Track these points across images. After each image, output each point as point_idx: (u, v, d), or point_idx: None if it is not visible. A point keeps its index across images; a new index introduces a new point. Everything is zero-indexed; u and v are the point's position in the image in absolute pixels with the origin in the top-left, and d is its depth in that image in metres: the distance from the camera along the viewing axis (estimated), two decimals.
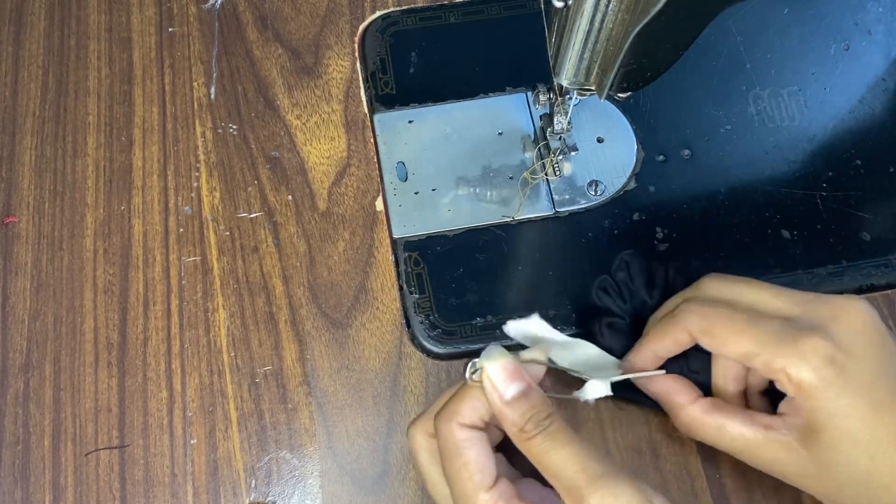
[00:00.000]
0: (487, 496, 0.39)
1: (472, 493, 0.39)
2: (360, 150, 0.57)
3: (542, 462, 0.39)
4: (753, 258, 0.53)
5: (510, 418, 0.40)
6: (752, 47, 0.60)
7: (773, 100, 0.58)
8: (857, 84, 0.59)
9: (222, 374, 0.51)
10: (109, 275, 0.53)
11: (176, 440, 0.49)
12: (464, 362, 0.45)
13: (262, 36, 0.60)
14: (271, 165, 0.56)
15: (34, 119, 0.57)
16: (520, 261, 0.53)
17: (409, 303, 0.52)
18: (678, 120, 0.57)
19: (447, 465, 0.40)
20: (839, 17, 0.61)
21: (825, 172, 0.56)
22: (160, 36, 0.60)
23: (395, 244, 0.54)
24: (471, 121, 0.57)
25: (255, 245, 0.54)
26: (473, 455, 0.40)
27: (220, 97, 0.58)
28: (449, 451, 0.40)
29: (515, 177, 0.55)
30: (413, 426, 0.44)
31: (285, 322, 0.52)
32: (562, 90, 0.50)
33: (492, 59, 0.59)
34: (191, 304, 0.52)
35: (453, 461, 0.40)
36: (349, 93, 0.58)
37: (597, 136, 0.56)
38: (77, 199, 0.55)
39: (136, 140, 0.57)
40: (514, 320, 0.45)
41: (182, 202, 0.55)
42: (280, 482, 0.49)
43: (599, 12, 0.41)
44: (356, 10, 0.61)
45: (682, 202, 0.55)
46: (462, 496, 0.40)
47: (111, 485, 0.49)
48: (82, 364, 0.51)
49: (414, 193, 0.55)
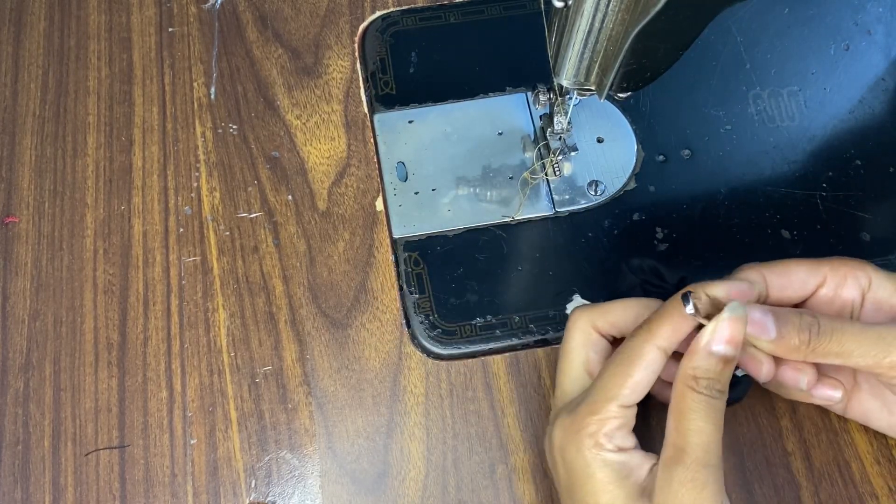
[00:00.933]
0: (617, 409, 0.41)
1: (611, 397, 0.41)
2: (360, 150, 0.57)
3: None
4: (753, 258, 0.53)
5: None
6: (752, 47, 0.60)
7: (773, 100, 0.58)
8: (857, 84, 0.59)
9: (222, 374, 0.51)
10: (109, 275, 0.53)
11: (176, 440, 0.49)
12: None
13: (262, 36, 0.60)
14: (271, 165, 0.56)
15: (34, 119, 0.57)
16: (520, 261, 0.53)
17: (409, 303, 0.52)
18: (678, 120, 0.57)
19: (614, 367, 0.42)
20: (839, 17, 0.61)
21: (825, 172, 0.56)
22: (160, 36, 0.60)
23: (395, 244, 0.54)
24: (471, 121, 0.57)
25: (255, 245, 0.54)
26: (642, 375, 0.41)
27: (220, 97, 0.58)
28: (626, 358, 0.42)
29: (515, 177, 0.55)
30: (581, 312, 0.46)
31: (285, 322, 0.52)
32: (562, 90, 0.50)
33: (492, 59, 0.59)
34: (191, 304, 0.52)
35: (623, 368, 0.42)
36: (349, 93, 0.58)
37: (597, 136, 0.56)
38: (77, 199, 0.55)
39: (136, 140, 0.57)
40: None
41: (182, 202, 0.55)
42: (280, 482, 0.49)
43: (599, 12, 0.41)
44: (356, 10, 0.61)
45: (682, 202, 0.55)
46: (603, 392, 0.42)
47: (111, 485, 0.49)
48: (82, 364, 0.51)
49: (414, 193, 0.55)
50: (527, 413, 0.50)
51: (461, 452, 0.49)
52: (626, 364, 0.42)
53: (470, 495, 0.48)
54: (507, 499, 0.48)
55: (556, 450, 0.43)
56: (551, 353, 0.51)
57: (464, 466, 0.49)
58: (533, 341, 0.51)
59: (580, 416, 0.42)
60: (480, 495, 0.48)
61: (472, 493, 0.48)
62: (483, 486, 0.48)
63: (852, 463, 0.49)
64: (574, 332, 0.46)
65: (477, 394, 0.51)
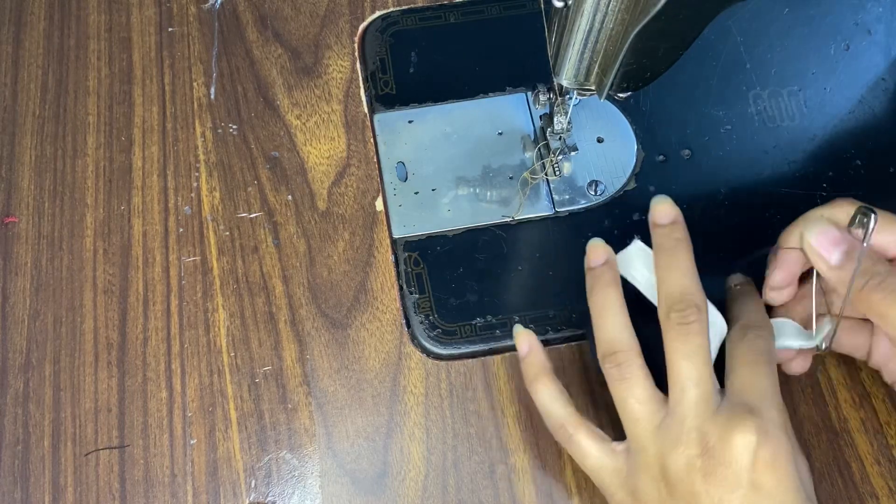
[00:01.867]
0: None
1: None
2: (360, 150, 0.57)
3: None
4: (753, 258, 0.53)
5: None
6: (752, 47, 0.60)
7: (773, 100, 0.58)
8: (857, 84, 0.59)
9: (222, 374, 0.51)
10: (109, 275, 0.53)
11: (176, 440, 0.49)
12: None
13: (261, 36, 0.60)
14: (271, 165, 0.56)
15: (34, 119, 0.57)
16: (520, 261, 0.53)
17: (409, 303, 0.52)
18: (678, 120, 0.57)
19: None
20: (839, 17, 0.61)
21: (825, 172, 0.56)
22: (160, 36, 0.60)
23: (395, 244, 0.54)
24: (471, 121, 0.57)
25: (255, 245, 0.54)
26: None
27: (219, 97, 0.58)
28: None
29: (515, 177, 0.55)
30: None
31: (285, 322, 0.52)
32: (562, 90, 0.50)
33: (492, 59, 0.59)
34: (191, 304, 0.52)
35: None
36: (349, 93, 0.58)
37: (597, 136, 0.56)
38: (77, 199, 0.55)
39: (136, 140, 0.57)
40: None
41: (182, 202, 0.55)
42: (280, 482, 0.49)
43: (599, 12, 0.41)
44: (356, 10, 0.61)
45: (682, 202, 0.55)
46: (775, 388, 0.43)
47: (111, 485, 0.48)
48: (82, 364, 0.51)
49: (414, 193, 0.55)
50: (527, 413, 0.50)
51: (461, 452, 0.49)
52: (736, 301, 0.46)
53: (470, 495, 0.48)
54: (507, 499, 0.48)
55: (749, 451, 0.40)
56: (551, 353, 0.51)
57: (464, 466, 0.49)
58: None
59: (782, 417, 0.42)
60: (480, 495, 0.48)
61: (472, 493, 0.48)
62: (483, 486, 0.48)
63: (852, 463, 0.49)
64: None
65: (477, 394, 0.51)
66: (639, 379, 0.43)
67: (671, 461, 0.41)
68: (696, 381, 0.41)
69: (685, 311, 0.42)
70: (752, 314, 0.46)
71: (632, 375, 0.43)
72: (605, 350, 0.44)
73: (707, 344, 0.42)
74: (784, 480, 0.40)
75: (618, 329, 0.44)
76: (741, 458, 0.40)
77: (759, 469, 0.39)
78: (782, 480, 0.40)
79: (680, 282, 0.43)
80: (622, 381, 0.43)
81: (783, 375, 0.45)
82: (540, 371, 0.46)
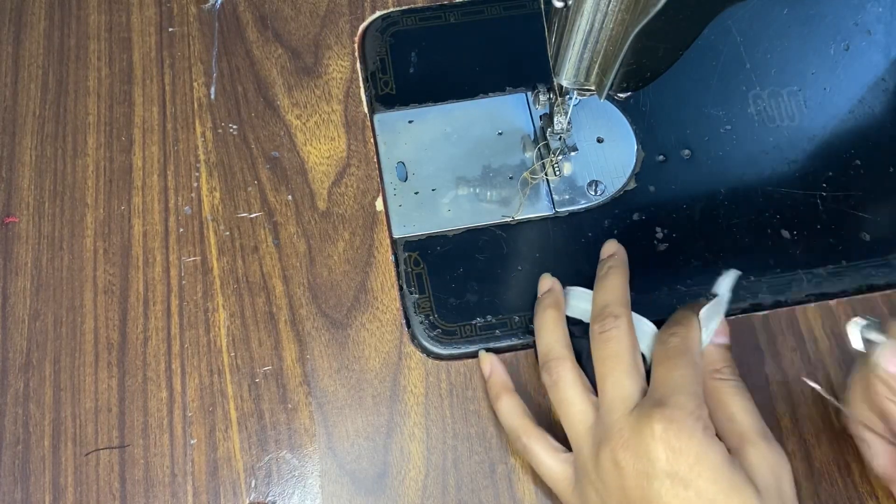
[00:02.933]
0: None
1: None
2: (360, 150, 0.57)
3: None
4: (753, 258, 0.53)
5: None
6: (752, 47, 0.60)
7: (773, 100, 0.58)
8: (857, 84, 0.59)
9: (222, 374, 0.51)
10: (109, 275, 0.53)
11: (176, 440, 0.49)
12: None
13: (262, 36, 0.60)
14: (271, 165, 0.56)
15: (34, 119, 0.57)
16: (520, 261, 0.53)
17: (409, 303, 0.52)
18: (678, 120, 0.57)
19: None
20: (839, 17, 0.61)
21: (825, 172, 0.56)
22: (160, 36, 0.60)
23: (395, 244, 0.54)
24: (471, 121, 0.57)
25: (255, 245, 0.54)
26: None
27: (219, 97, 0.58)
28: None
29: (515, 177, 0.55)
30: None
31: (285, 322, 0.52)
32: (562, 90, 0.50)
33: (492, 59, 0.59)
34: (191, 304, 0.52)
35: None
36: (349, 93, 0.58)
37: (597, 136, 0.56)
38: (77, 199, 0.55)
39: (136, 140, 0.57)
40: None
41: (182, 202, 0.55)
42: (280, 482, 0.49)
43: (599, 12, 0.41)
44: (356, 10, 0.61)
45: (682, 202, 0.55)
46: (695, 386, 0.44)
47: (111, 485, 0.49)
48: (82, 364, 0.51)
49: (414, 193, 0.55)
50: None
51: (461, 452, 0.49)
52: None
53: (470, 495, 0.48)
54: (507, 499, 0.48)
55: (657, 440, 0.41)
56: None
57: (464, 466, 0.49)
58: (533, 341, 0.51)
59: (690, 404, 0.42)
60: (480, 495, 0.48)
61: (472, 493, 0.48)
62: (483, 486, 0.48)
63: (852, 463, 0.49)
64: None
65: (477, 394, 0.51)
66: (569, 382, 0.46)
67: (600, 459, 0.43)
68: (613, 383, 0.44)
69: (604, 321, 0.46)
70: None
71: (562, 379, 0.46)
72: (542, 360, 0.48)
73: (625, 349, 0.45)
74: (696, 466, 0.40)
75: (552, 341, 0.48)
76: (653, 448, 0.40)
77: (672, 459, 0.40)
78: (694, 466, 0.40)
79: (603, 299, 0.47)
80: (554, 385, 0.46)
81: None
82: (501, 389, 0.49)
